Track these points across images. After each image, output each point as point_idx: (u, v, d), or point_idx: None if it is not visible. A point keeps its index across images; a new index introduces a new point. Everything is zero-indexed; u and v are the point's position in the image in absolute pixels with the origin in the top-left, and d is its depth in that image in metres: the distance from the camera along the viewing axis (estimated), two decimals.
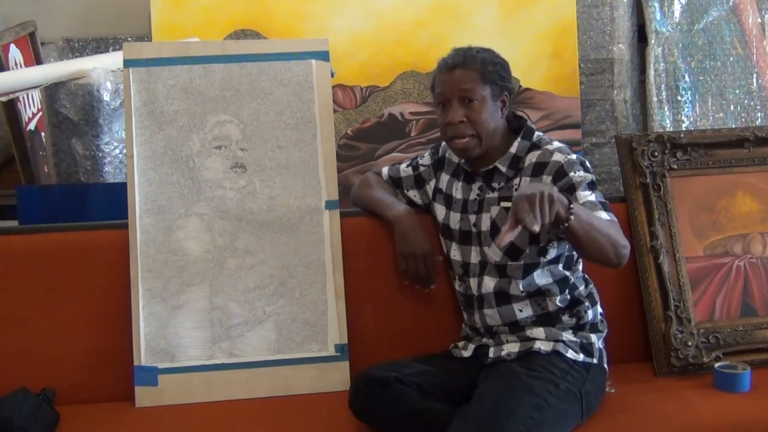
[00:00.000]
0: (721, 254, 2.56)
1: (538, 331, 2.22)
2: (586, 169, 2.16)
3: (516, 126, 2.27)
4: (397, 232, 2.35)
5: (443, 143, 2.41)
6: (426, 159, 2.44)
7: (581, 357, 2.19)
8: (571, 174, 2.13)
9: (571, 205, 1.93)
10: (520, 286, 2.21)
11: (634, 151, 2.56)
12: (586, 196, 2.10)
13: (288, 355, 2.41)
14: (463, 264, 2.30)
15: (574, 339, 2.21)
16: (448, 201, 2.35)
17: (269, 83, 2.49)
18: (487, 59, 2.20)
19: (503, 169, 2.22)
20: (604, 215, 2.08)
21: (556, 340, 2.20)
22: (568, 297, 2.24)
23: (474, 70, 2.17)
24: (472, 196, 2.28)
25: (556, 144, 2.22)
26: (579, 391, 2.12)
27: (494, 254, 2.22)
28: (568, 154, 2.17)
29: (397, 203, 2.42)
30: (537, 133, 2.26)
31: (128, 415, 2.30)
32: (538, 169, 2.18)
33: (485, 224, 2.24)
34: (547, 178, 2.15)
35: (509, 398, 2.01)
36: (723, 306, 2.51)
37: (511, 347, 2.22)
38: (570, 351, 2.18)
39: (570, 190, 2.11)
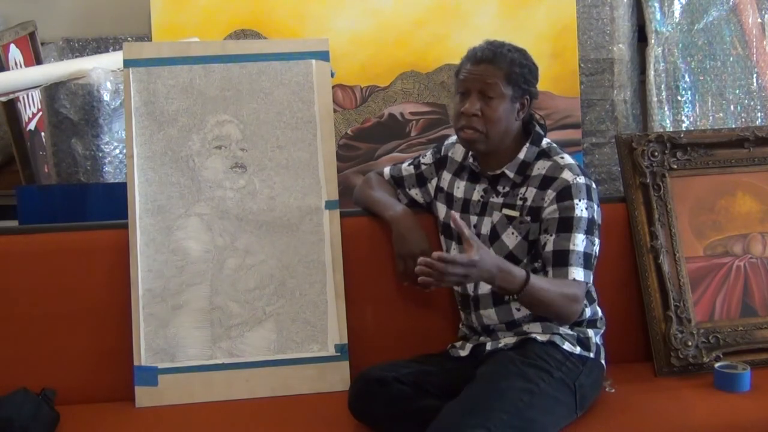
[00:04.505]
0: (721, 254, 2.56)
1: (535, 326, 2.22)
2: (590, 198, 2.16)
3: (529, 130, 2.27)
4: (395, 232, 2.35)
5: (446, 142, 2.41)
6: (428, 158, 2.44)
7: (578, 350, 2.19)
8: (576, 201, 2.13)
9: (528, 284, 1.99)
10: None
11: (634, 151, 2.56)
12: (577, 244, 2.11)
13: (288, 355, 2.41)
14: None
15: (571, 332, 2.21)
16: (449, 200, 2.35)
17: (269, 83, 2.49)
18: (516, 60, 2.18)
19: (510, 175, 2.22)
20: (579, 273, 2.10)
21: (553, 333, 2.20)
22: None
23: (500, 68, 2.16)
24: (476, 196, 2.28)
25: (567, 159, 2.21)
26: (573, 383, 2.12)
27: None
28: (578, 176, 2.17)
29: (395, 203, 2.42)
30: (546, 140, 2.26)
31: (128, 415, 2.30)
32: (545, 183, 2.17)
33: (486, 227, 2.24)
34: (551, 194, 2.15)
35: (501, 382, 2.03)
36: (723, 306, 2.51)
37: (508, 340, 2.23)
38: (566, 343, 2.19)
39: (566, 224, 2.12)
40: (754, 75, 3.44)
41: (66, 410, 2.25)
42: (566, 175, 2.17)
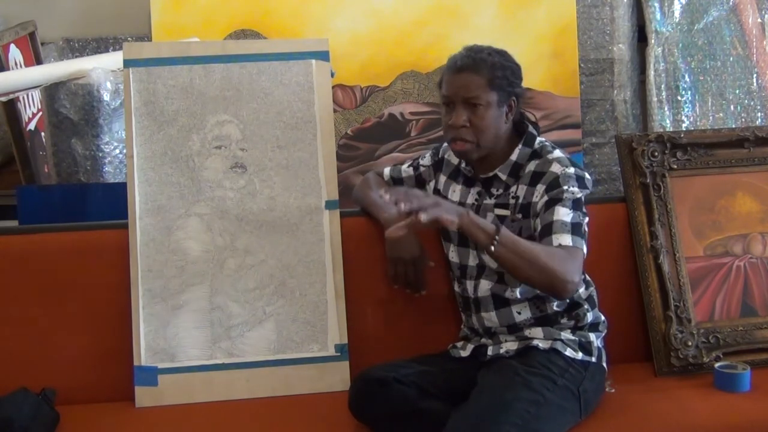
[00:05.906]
0: (721, 254, 2.56)
1: (537, 331, 2.22)
2: (581, 185, 2.15)
3: (522, 129, 2.26)
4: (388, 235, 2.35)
5: (443, 144, 2.41)
6: (426, 159, 2.44)
7: (580, 355, 2.19)
8: (564, 187, 2.12)
9: (497, 236, 1.97)
10: (518, 293, 2.21)
11: (634, 151, 2.56)
12: (563, 214, 2.09)
13: (288, 355, 2.41)
14: (461, 266, 2.30)
15: (573, 338, 2.21)
16: None
17: (269, 83, 2.49)
18: (497, 64, 2.16)
19: (503, 177, 2.22)
20: (565, 239, 2.06)
21: (555, 339, 2.20)
22: (567, 300, 2.23)
23: (482, 76, 2.14)
24: (470, 200, 2.28)
25: (557, 153, 2.20)
26: (577, 389, 2.12)
27: (491, 262, 2.21)
28: (567, 167, 2.16)
29: (390, 206, 2.41)
30: (539, 140, 2.24)
31: (128, 415, 2.30)
32: (536, 179, 2.17)
33: None
34: (540, 188, 2.15)
35: (507, 393, 2.02)
36: (723, 306, 2.51)
37: (510, 345, 2.22)
38: (569, 349, 2.18)
39: (554, 202, 2.11)
40: (754, 75, 3.44)
41: (66, 410, 2.25)
42: (554, 168, 2.16)
